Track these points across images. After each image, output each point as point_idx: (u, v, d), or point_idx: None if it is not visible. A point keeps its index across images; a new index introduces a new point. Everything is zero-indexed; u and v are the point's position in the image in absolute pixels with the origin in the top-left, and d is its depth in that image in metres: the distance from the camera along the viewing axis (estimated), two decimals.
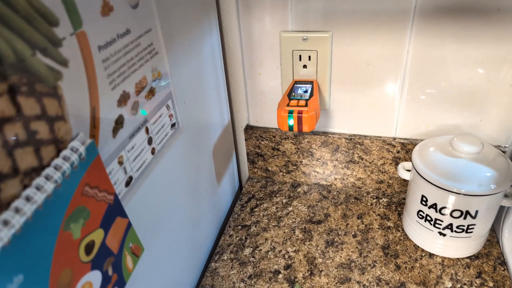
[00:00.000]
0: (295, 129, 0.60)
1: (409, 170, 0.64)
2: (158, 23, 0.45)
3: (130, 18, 0.39)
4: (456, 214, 0.57)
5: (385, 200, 0.74)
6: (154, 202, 0.48)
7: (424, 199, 0.59)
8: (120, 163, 0.39)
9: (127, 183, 0.41)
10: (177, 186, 0.54)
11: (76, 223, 0.32)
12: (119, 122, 0.39)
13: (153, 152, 0.46)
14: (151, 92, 0.44)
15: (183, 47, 0.52)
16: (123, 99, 0.39)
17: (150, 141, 0.45)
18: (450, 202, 0.56)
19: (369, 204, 0.73)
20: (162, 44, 0.46)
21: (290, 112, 0.59)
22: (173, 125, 0.50)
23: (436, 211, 0.58)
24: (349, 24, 0.61)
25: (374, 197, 0.75)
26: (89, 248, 0.34)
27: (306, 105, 0.60)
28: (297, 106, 0.60)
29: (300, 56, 0.66)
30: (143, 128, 0.43)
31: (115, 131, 0.38)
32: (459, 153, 0.58)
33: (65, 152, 0.31)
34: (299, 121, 0.59)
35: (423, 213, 0.60)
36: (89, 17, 0.33)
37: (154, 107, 0.45)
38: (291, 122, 0.60)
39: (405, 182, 0.74)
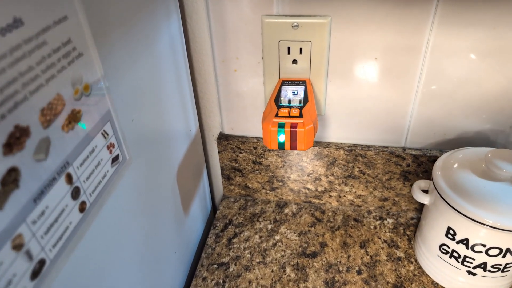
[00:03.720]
0: (287, 147, 0.45)
1: (426, 191, 0.52)
2: (80, 5, 0.28)
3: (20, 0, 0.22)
4: (494, 252, 0.45)
5: (390, 221, 0.61)
6: (90, 278, 0.32)
7: (451, 232, 0.47)
8: (18, 247, 0.23)
9: (36, 273, 0.25)
10: (126, 240, 0.38)
11: None
12: (9, 182, 0.22)
13: (82, 209, 0.30)
14: (74, 117, 0.28)
15: (127, 42, 0.35)
16: (15, 141, 0.23)
17: (76, 193, 0.29)
18: (488, 238, 0.44)
19: (372, 227, 0.60)
20: (90, 40, 0.29)
21: (281, 125, 0.44)
22: (115, 158, 0.34)
23: (467, 248, 0.46)
24: (353, 6, 0.47)
25: (377, 218, 0.62)
26: None
27: (300, 115, 0.45)
28: (289, 117, 0.45)
29: (288, 48, 0.51)
30: (61, 177, 0.27)
31: (3, 197, 0.22)
32: (496, 174, 0.45)
33: None
34: (293, 137, 0.44)
35: (448, 248, 0.48)
36: None
37: (80, 141, 0.29)
38: (282, 138, 0.45)
39: (414, 199, 0.61)
